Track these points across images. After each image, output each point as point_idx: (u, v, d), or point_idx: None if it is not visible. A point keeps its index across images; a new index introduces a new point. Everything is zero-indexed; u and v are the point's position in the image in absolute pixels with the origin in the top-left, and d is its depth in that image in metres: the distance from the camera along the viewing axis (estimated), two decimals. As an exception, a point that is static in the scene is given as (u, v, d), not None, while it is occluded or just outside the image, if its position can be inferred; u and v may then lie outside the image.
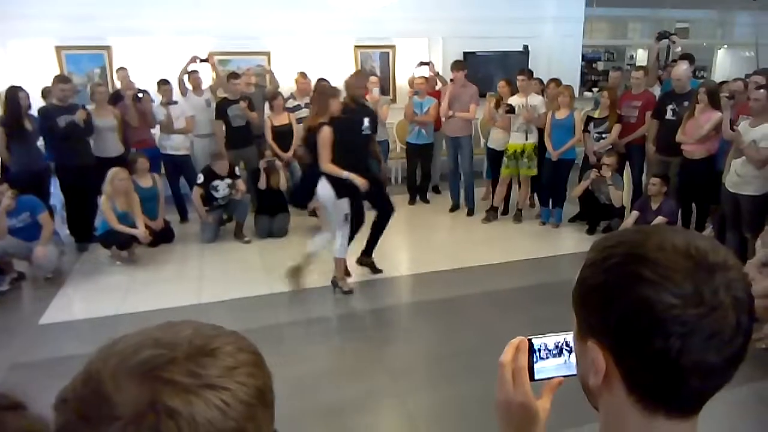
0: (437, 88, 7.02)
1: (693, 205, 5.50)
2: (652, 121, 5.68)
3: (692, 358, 0.58)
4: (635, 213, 5.34)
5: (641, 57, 10.92)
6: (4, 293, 4.63)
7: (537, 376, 0.80)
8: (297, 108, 6.56)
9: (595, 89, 9.13)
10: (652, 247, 0.61)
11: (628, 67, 9.70)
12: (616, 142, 5.89)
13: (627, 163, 6.13)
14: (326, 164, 4.19)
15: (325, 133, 4.14)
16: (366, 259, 4.87)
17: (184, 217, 6.40)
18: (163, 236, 5.68)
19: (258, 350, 0.58)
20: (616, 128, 5.83)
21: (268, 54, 7.30)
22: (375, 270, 4.88)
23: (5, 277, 4.72)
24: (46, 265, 4.83)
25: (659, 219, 5.01)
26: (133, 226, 5.23)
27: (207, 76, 6.64)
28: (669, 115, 5.46)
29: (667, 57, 6.62)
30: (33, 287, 4.86)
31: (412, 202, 7.07)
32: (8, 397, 0.65)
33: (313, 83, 6.64)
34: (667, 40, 6.30)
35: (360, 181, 4.20)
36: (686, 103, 5.31)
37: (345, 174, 4.16)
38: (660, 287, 0.58)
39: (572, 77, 8.24)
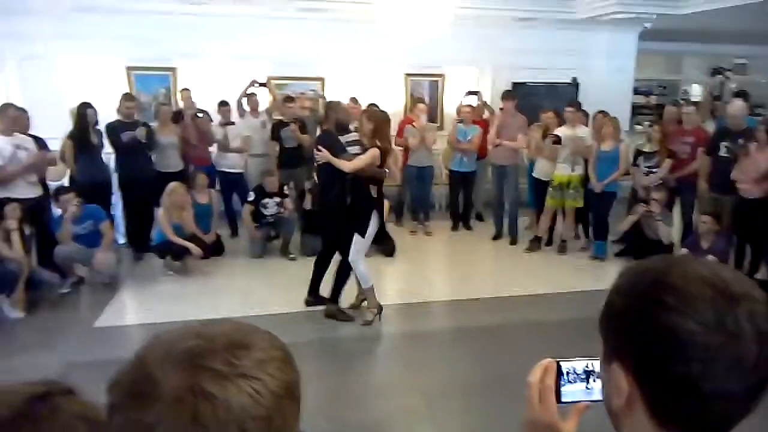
0: (484, 116, 7.09)
1: (747, 245, 5.34)
2: (704, 158, 5.57)
3: (713, 385, 0.59)
4: (684, 251, 5.21)
5: (695, 92, 10.70)
6: (65, 295, 4.91)
7: (564, 399, 0.82)
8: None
9: (646, 123, 8.99)
10: (676, 276, 0.63)
11: (682, 102, 9.51)
12: (667, 177, 5.79)
13: (677, 199, 6.01)
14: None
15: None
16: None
17: (234, 232, 6.63)
18: (214, 249, 5.89)
19: (288, 349, 0.62)
20: (667, 163, 5.74)
21: (322, 79, 7.57)
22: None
23: (67, 280, 5.00)
24: (105, 271, 5.11)
25: (710, 258, 4.88)
26: (187, 238, 5.46)
27: (264, 98, 6.93)
28: (723, 153, 5.35)
29: (721, 93, 6.49)
30: (91, 291, 5.12)
31: (454, 228, 7.10)
32: (61, 384, 0.73)
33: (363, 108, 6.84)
34: (721, 76, 6.20)
35: None
36: (741, 141, 5.20)
37: None
38: (682, 314, 0.60)
39: (623, 110, 8.17)
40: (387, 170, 4.22)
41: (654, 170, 5.81)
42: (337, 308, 4.53)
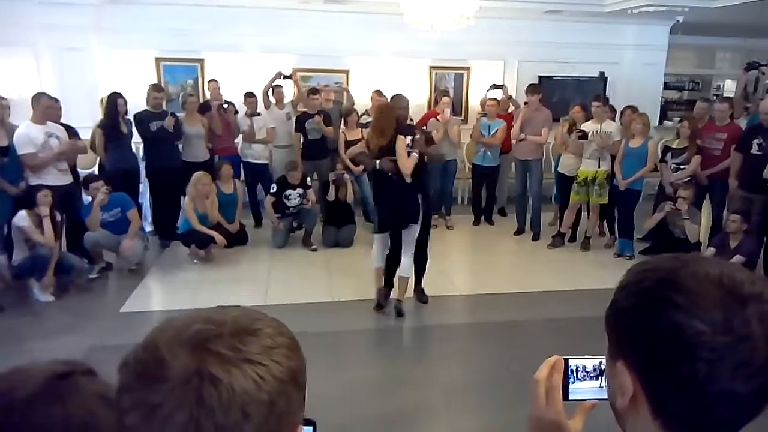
0: (509, 111, 7.02)
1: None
2: (735, 155, 5.43)
3: (719, 386, 0.58)
4: (712, 250, 5.10)
5: (729, 87, 10.41)
6: (93, 280, 5.05)
7: (571, 397, 0.81)
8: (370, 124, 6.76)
9: (676, 119, 8.81)
10: (685, 275, 0.62)
11: (714, 97, 9.28)
12: (698, 174, 5.67)
13: (707, 196, 5.88)
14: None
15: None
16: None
17: (258, 223, 6.72)
18: (237, 239, 5.97)
19: (295, 337, 0.63)
20: (695, 160, 5.61)
21: (347, 72, 7.59)
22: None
23: (95, 266, 5.14)
24: (132, 258, 5.22)
25: (737, 258, 4.77)
26: (211, 227, 5.55)
27: (289, 90, 6.98)
28: (754, 150, 5.20)
29: (756, 89, 6.32)
30: (118, 277, 5.25)
31: (476, 222, 7.07)
32: (83, 364, 0.76)
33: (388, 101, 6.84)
34: (756, 70, 6.03)
35: None
36: (775, 139, 5.06)
37: None
38: (690, 314, 0.59)
39: (652, 106, 8.01)
40: (367, 154, 4.16)
41: (682, 167, 5.69)
42: None
